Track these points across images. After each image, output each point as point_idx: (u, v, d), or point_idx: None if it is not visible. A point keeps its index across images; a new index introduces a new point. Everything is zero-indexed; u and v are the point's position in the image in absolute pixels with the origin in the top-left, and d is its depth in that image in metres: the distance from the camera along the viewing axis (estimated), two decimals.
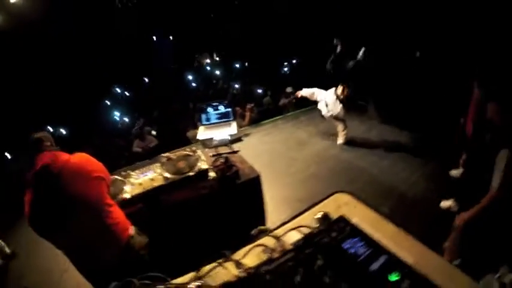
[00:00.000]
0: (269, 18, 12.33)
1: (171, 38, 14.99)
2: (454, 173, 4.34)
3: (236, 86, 10.52)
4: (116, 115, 10.15)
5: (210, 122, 3.62)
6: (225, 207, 2.91)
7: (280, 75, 12.31)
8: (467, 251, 2.61)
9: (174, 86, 12.33)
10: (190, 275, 1.20)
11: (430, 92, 5.98)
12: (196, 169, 2.96)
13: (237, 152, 3.49)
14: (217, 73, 12.78)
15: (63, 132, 9.92)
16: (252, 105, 7.18)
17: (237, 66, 13.24)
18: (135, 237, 2.22)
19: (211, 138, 3.52)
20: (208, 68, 14.03)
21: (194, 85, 12.65)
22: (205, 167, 3.00)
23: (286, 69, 12.75)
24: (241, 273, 1.05)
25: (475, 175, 2.61)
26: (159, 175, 2.95)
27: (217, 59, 15.63)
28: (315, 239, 1.08)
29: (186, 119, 7.93)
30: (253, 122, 7.26)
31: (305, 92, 5.86)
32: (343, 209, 1.42)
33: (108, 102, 11.92)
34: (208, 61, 15.59)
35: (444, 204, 3.74)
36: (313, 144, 5.91)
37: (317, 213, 1.26)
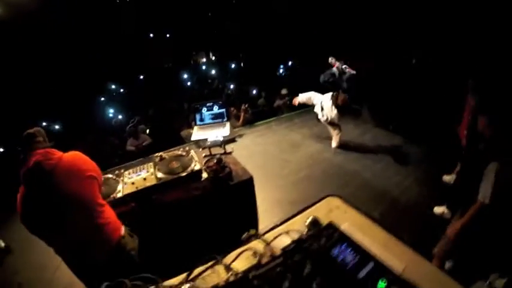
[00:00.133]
0: (268, 18, 12.32)
1: (168, 35, 14.94)
2: (447, 178, 4.38)
3: (231, 86, 10.52)
4: (110, 112, 10.09)
5: (204, 122, 3.60)
6: (218, 209, 2.91)
7: (275, 77, 12.33)
8: (459, 255, 2.65)
9: (169, 85, 12.28)
10: (181, 276, 1.20)
11: (424, 98, 6.03)
12: (189, 169, 2.96)
13: (230, 153, 3.49)
14: (213, 72, 12.77)
15: (57, 127, 9.81)
16: (246, 106, 7.18)
17: (232, 66, 13.23)
18: (126, 237, 2.21)
19: (204, 139, 3.51)
20: (203, 67, 14.01)
21: (189, 84, 12.63)
22: (198, 167, 2.99)
23: (281, 71, 12.78)
24: (230, 277, 1.05)
25: (468, 182, 2.63)
26: (152, 175, 2.94)
27: (213, 58, 15.62)
28: (304, 245, 1.08)
29: (180, 118, 7.91)
30: (247, 122, 7.26)
31: (301, 98, 5.85)
32: (334, 213, 1.43)
33: (102, 98, 11.85)
34: (204, 60, 15.58)
35: (437, 210, 3.77)
36: (307, 146, 5.92)
37: (308, 217, 1.26)
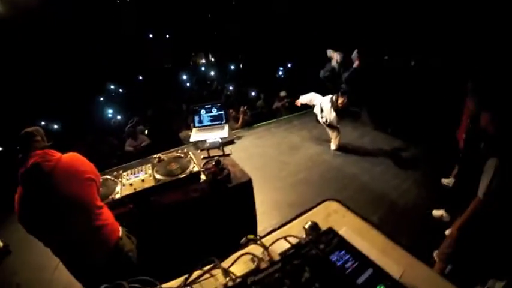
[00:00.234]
0: (267, 20, 12.33)
1: (168, 36, 14.93)
2: (445, 181, 4.39)
3: (230, 87, 10.52)
4: (109, 112, 10.06)
5: (203, 124, 3.59)
6: (216, 211, 2.90)
7: (274, 79, 12.33)
8: (459, 259, 2.65)
9: (168, 86, 12.27)
10: (179, 280, 1.19)
11: (423, 101, 6.05)
12: (188, 171, 2.95)
13: (229, 155, 3.48)
14: (212, 74, 12.76)
15: (56, 127, 9.78)
16: (245, 108, 7.19)
17: (231, 67, 13.23)
18: (124, 238, 2.21)
19: (203, 141, 3.50)
20: (203, 69, 14.01)
21: (188, 85, 12.62)
22: (196, 169, 2.99)
23: (280, 73, 12.78)
24: (229, 282, 1.05)
25: (467, 185, 2.64)
26: (150, 176, 2.93)
27: (212, 59, 15.62)
28: (303, 251, 1.07)
29: (179, 119, 7.90)
30: (246, 124, 7.27)
31: (303, 99, 5.91)
32: (333, 217, 1.42)
33: (101, 99, 11.82)
34: (203, 61, 15.58)
35: (436, 213, 3.78)
36: (306, 148, 5.93)
37: (306, 221, 1.25)
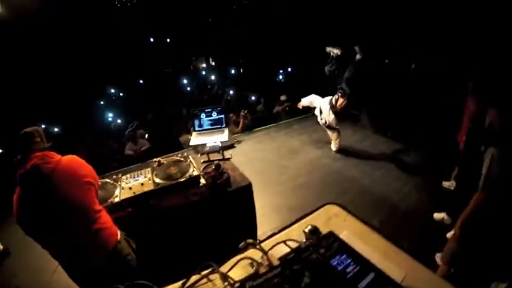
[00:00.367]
0: (268, 24, 12.35)
1: (168, 40, 14.97)
2: (446, 184, 4.37)
3: (231, 92, 10.53)
4: (109, 116, 10.06)
5: (203, 128, 3.58)
6: (216, 215, 2.89)
7: (274, 83, 12.34)
8: (462, 260, 2.64)
9: (168, 90, 12.28)
10: (176, 285, 1.17)
11: (423, 103, 6.04)
12: (187, 175, 2.94)
13: (228, 159, 3.47)
14: (213, 78, 12.78)
15: (56, 130, 9.76)
16: (245, 112, 7.18)
17: (232, 72, 13.25)
18: (122, 242, 2.20)
19: (203, 144, 3.49)
20: (203, 73, 14.03)
21: (189, 89, 12.63)
22: (196, 173, 2.98)
23: (280, 77, 12.80)
24: (226, 287, 1.03)
25: (468, 187, 2.63)
26: (150, 180, 2.92)
27: (213, 64, 15.65)
28: (303, 255, 1.05)
29: (179, 123, 7.89)
30: (246, 129, 7.26)
31: (304, 102, 5.96)
32: (333, 221, 1.40)
33: (102, 102, 11.82)
34: (204, 66, 15.62)
35: (437, 216, 3.76)
36: (306, 152, 5.92)
37: (306, 225, 1.24)
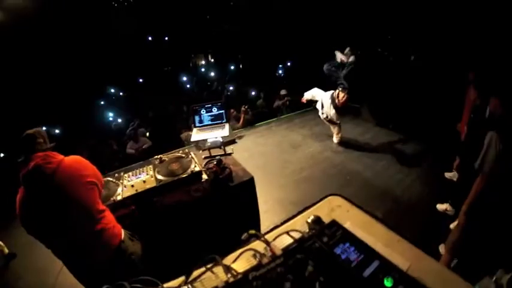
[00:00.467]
0: (266, 18, 12.29)
1: (167, 38, 14.92)
2: (449, 175, 4.36)
3: (230, 87, 10.51)
4: (110, 116, 10.06)
5: (203, 123, 3.57)
6: (218, 210, 2.88)
7: (274, 78, 12.30)
8: (466, 249, 2.64)
9: (168, 87, 12.26)
10: (180, 279, 1.17)
11: (424, 95, 6.02)
12: (189, 171, 2.94)
13: (230, 154, 3.47)
14: (212, 75, 12.75)
15: (57, 131, 9.77)
16: (246, 107, 7.17)
17: (231, 68, 13.21)
18: (126, 241, 2.20)
19: (204, 140, 3.48)
20: (203, 70, 14.00)
21: (189, 86, 12.61)
22: (198, 169, 2.97)
23: (280, 72, 12.75)
24: (230, 279, 1.02)
25: (470, 177, 2.63)
26: (152, 177, 2.92)
27: (212, 60, 15.61)
28: (306, 244, 1.05)
29: (180, 120, 7.90)
30: (247, 124, 7.25)
31: (307, 96, 5.98)
32: (336, 212, 1.39)
33: (102, 102, 11.82)
34: (203, 62, 15.58)
35: (440, 207, 3.75)
36: (307, 146, 5.91)
37: (309, 216, 1.23)
